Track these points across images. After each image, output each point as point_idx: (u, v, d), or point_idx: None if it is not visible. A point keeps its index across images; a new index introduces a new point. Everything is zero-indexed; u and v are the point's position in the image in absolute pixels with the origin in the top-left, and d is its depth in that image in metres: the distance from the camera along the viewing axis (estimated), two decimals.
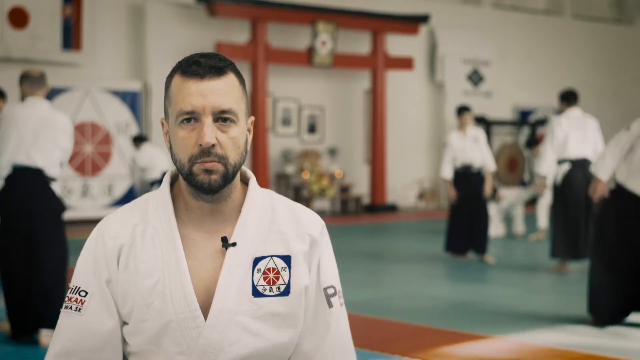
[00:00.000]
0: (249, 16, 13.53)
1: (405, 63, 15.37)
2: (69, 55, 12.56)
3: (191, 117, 1.68)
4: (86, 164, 12.65)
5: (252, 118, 1.80)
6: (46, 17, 12.29)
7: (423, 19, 15.31)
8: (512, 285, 7.71)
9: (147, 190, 10.01)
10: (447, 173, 8.97)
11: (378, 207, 15.20)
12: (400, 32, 15.28)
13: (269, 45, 13.82)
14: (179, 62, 1.74)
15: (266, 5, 13.70)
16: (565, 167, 7.99)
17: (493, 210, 10.62)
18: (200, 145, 1.66)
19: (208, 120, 1.67)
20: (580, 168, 7.97)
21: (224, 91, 1.69)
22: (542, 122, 17.11)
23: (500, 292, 7.26)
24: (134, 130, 12.97)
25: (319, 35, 14.14)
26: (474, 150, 8.92)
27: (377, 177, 15.24)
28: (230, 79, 1.72)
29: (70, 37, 12.58)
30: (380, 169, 15.23)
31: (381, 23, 14.94)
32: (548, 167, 8.08)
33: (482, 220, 8.92)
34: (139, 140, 10.57)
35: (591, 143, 8.02)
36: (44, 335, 5.02)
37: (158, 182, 9.86)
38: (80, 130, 12.57)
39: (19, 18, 12.11)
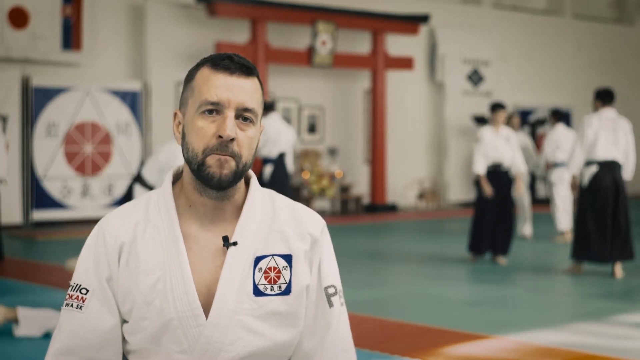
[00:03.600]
0: (249, 16, 13.53)
1: (405, 63, 15.37)
2: (69, 55, 12.55)
3: (214, 109, 1.69)
4: (86, 164, 12.64)
5: (263, 126, 1.82)
6: (46, 17, 12.28)
7: (423, 19, 15.31)
8: (512, 285, 7.71)
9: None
10: (481, 168, 8.65)
11: (378, 207, 15.19)
12: (400, 32, 15.28)
13: (269, 45, 13.81)
14: (209, 56, 1.76)
15: (266, 5, 13.70)
16: (593, 169, 7.73)
17: None
18: (220, 137, 1.67)
19: (231, 114, 1.69)
20: (608, 170, 7.70)
21: (249, 90, 1.71)
22: (542, 122, 17.11)
23: (501, 292, 7.26)
24: (134, 130, 12.96)
25: (319, 35, 14.14)
26: (506, 149, 8.69)
27: (377, 177, 15.23)
28: (255, 82, 1.74)
29: (70, 37, 12.58)
30: (380, 169, 15.22)
31: (381, 23, 14.93)
32: (577, 166, 7.82)
33: (508, 220, 8.70)
34: (266, 106, 9.79)
35: (622, 146, 7.74)
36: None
37: (271, 162, 9.76)
38: (80, 130, 12.57)
39: (19, 18, 12.11)
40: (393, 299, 6.90)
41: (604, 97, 7.89)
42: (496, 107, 8.84)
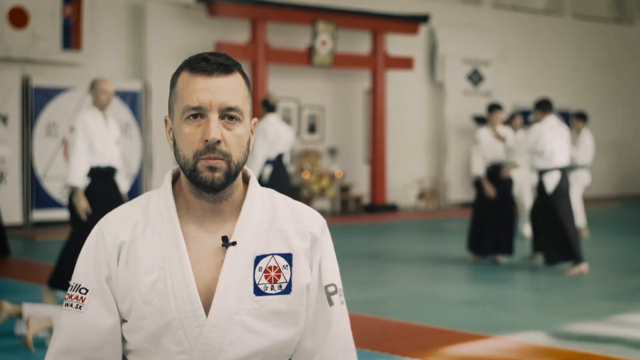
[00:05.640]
0: (249, 16, 13.53)
1: (405, 63, 15.37)
2: (69, 55, 12.55)
3: (197, 113, 1.69)
4: None
5: (255, 120, 1.81)
6: (46, 17, 12.28)
7: (423, 19, 15.30)
8: (512, 285, 7.71)
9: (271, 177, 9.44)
10: (479, 169, 8.75)
11: (378, 207, 15.19)
12: (400, 32, 15.28)
13: (269, 45, 13.81)
14: (187, 59, 1.75)
15: (266, 5, 13.70)
16: (556, 175, 8.07)
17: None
18: (206, 141, 1.66)
19: (214, 117, 1.68)
20: (565, 176, 8.17)
21: (231, 89, 1.70)
22: None
23: (501, 292, 7.26)
24: (134, 130, 12.95)
25: (319, 35, 14.14)
26: (503, 149, 8.79)
27: (377, 177, 15.23)
28: (237, 78, 1.73)
29: (70, 37, 12.58)
30: (380, 169, 15.22)
31: (381, 23, 14.93)
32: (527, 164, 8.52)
33: (509, 220, 8.75)
34: (268, 107, 9.53)
35: (567, 151, 8.29)
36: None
37: (270, 163, 9.54)
38: None
39: (19, 18, 12.10)
40: (393, 299, 6.90)
41: (544, 106, 8.35)
42: (493, 107, 8.97)
